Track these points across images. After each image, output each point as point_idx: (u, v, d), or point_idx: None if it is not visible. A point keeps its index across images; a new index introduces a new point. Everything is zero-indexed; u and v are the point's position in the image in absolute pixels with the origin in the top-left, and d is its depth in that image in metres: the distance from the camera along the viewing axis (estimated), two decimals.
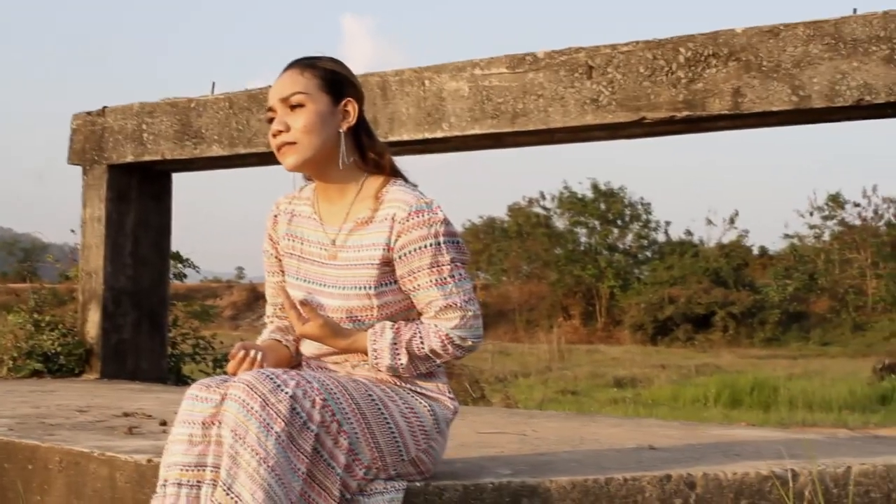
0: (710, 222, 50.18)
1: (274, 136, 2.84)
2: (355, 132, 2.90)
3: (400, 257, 2.78)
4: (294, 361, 3.02)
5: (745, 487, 3.09)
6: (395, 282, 2.82)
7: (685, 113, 4.83)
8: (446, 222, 2.81)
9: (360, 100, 2.92)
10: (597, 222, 47.06)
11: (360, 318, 2.82)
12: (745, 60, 4.72)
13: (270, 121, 2.86)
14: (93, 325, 6.99)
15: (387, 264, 2.80)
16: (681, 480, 3.05)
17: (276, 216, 3.06)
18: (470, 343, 2.84)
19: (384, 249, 2.79)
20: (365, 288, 2.80)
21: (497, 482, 2.90)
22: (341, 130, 2.86)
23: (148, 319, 7.20)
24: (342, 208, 2.90)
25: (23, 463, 3.56)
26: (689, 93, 4.81)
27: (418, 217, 2.77)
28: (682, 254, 44.49)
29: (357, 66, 5.64)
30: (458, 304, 2.81)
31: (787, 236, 45.72)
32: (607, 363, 27.26)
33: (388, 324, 2.82)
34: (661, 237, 47.69)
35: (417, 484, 2.84)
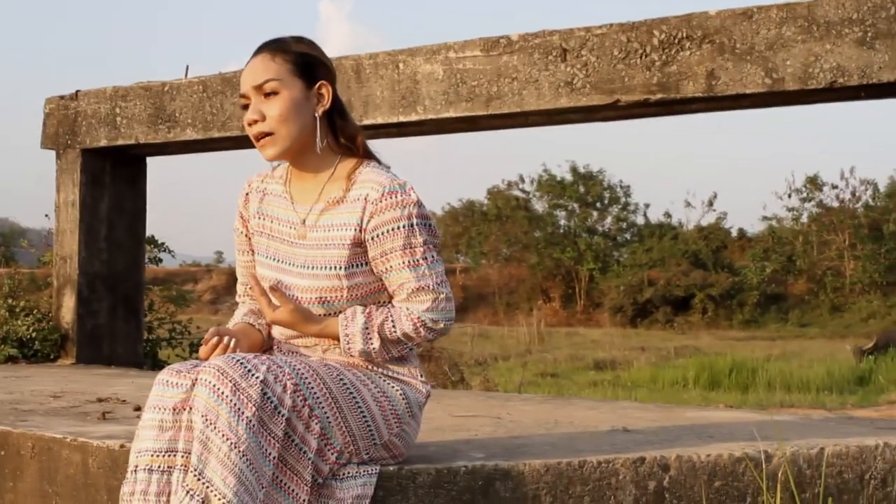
0: (688, 205, 50.67)
1: (249, 125, 2.82)
2: (329, 114, 2.88)
3: (372, 238, 2.77)
4: (267, 345, 3.00)
5: (718, 469, 3.10)
6: (367, 263, 2.81)
7: (659, 96, 4.82)
8: (419, 204, 2.79)
9: (332, 81, 2.90)
10: (576, 205, 47.19)
11: (329, 299, 2.81)
12: (718, 43, 4.71)
13: (245, 107, 2.84)
14: (68, 310, 6.95)
15: (358, 245, 2.78)
16: (654, 463, 3.05)
17: (247, 194, 3.04)
18: (442, 326, 2.83)
19: (355, 230, 2.77)
20: (335, 268, 2.79)
21: (470, 465, 2.90)
22: (317, 115, 2.84)
23: (123, 304, 7.17)
24: (315, 188, 2.88)
25: None
26: (664, 75, 4.81)
27: (392, 198, 2.76)
28: (661, 236, 44.66)
29: (333, 50, 5.62)
30: (431, 287, 2.80)
31: (765, 218, 46.02)
32: (587, 346, 27.37)
33: (360, 308, 2.81)
34: (640, 220, 47.91)
35: (390, 468, 2.84)
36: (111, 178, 7.07)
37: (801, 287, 41.21)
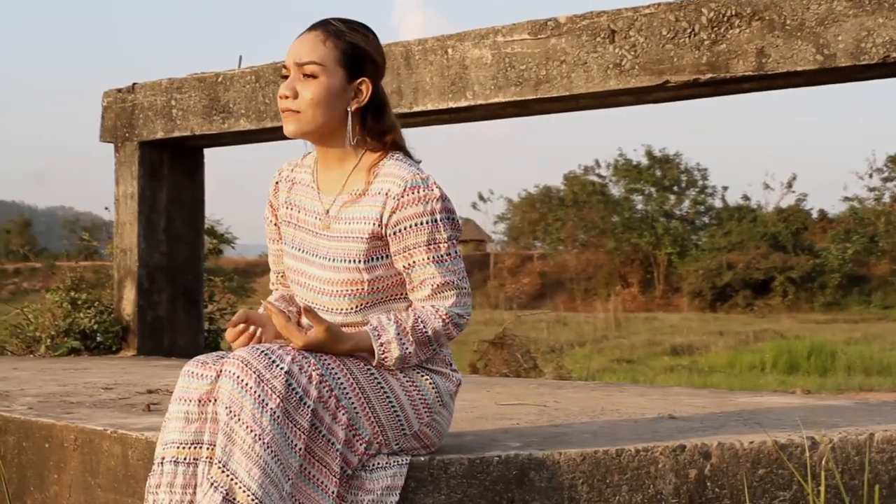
0: (767, 187, 49.68)
1: (281, 97, 2.79)
2: (363, 110, 2.83)
3: (394, 233, 2.72)
4: None
5: (762, 457, 3.03)
6: (387, 257, 2.76)
7: (709, 75, 4.72)
8: (443, 198, 2.74)
9: (377, 78, 2.84)
10: (653, 189, 46.76)
11: (352, 292, 2.77)
12: (768, 20, 4.60)
13: (285, 77, 2.80)
14: (128, 302, 7.00)
15: (378, 239, 2.74)
16: (695, 450, 2.99)
17: (277, 183, 3.01)
18: (465, 321, 2.80)
19: (375, 224, 2.73)
20: (354, 261, 2.75)
21: (504, 455, 2.86)
22: (349, 109, 2.80)
23: (183, 296, 7.21)
24: (339, 178, 2.85)
25: (40, 441, 3.57)
26: (713, 54, 4.71)
27: (413, 193, 2.71)
28: (739, 219, 44.10)
29: (406, 37, 5.58)
30: (455, 283, 2.76)
31: (846, 199, 45.19)
32: (665, 331, 27.10)
33: (383, 317, 2.75)
34: (717, 203, 47.31)
35: (422, 458, 2.80)
36: (169, 170, 7.12)
37: (884, 268, 40.47)
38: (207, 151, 7.35)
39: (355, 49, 2.78)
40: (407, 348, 2.72)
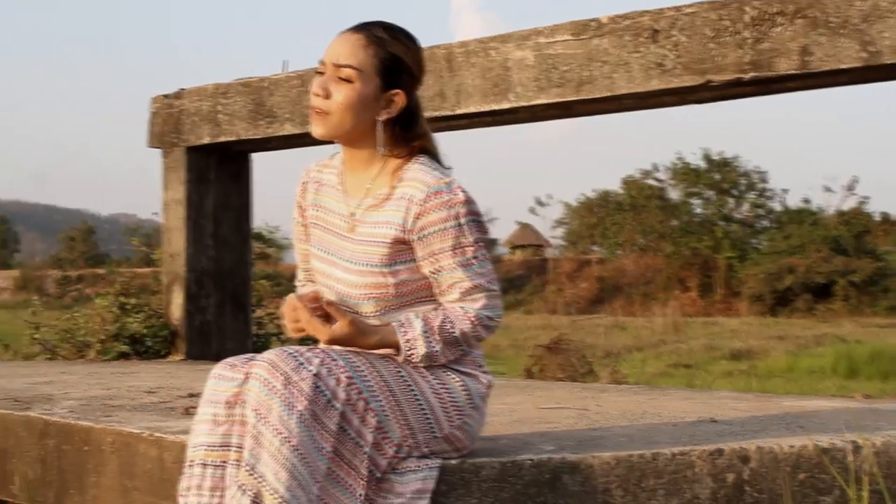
0: (828, 189, 49.18)
1: (313, 94, 2.78)
2: (393, 120, 2.81)
3: (419, 239, 2.70)
4: None
5: (802, 461, 2.96)
6: (411, 261, 2.74)
7: (752, 74, 4.65)
8: (468, 202, 2.71)
9: (412, 89, 2.82)
10: (711, 192, 46.42)
11: (377, 295, 2.75)
12: (811, 17, 4.53)
13: (320, 73, 2.79)
14: (177, 306, 7.04)
15: (402, 243, 2.72)
16: (734, 454, 2.93)
17: (304, 183, 3.00)
18: (495, 323, 2.78)
19: (397, 229, 2.71)
20: (378, 266, 2.73)
21: (536, 458, 2.82)
22: (379, 119, 2.78)
23: (231, 300, 7.23)
24: (365, 181, 2.83)
25: (79, 444, 3.59)
26: (756, 53, 4.64)
27: (437, 198, 2.69)
28: (800, 222, 43.65)
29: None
30: (483, 285, 2.74)
31: None
32: (724, 335, 26.86)
33: (412, 314, 2.74)
34: (777, 206, 46.88)
35: (453, 461, 2.77)
36: (216, 175, 7.14)
37: None
38: (265, 158, 7.39)
39: (395, 60, 2.76)
40: (433, 346, 2.70)
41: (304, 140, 6.57)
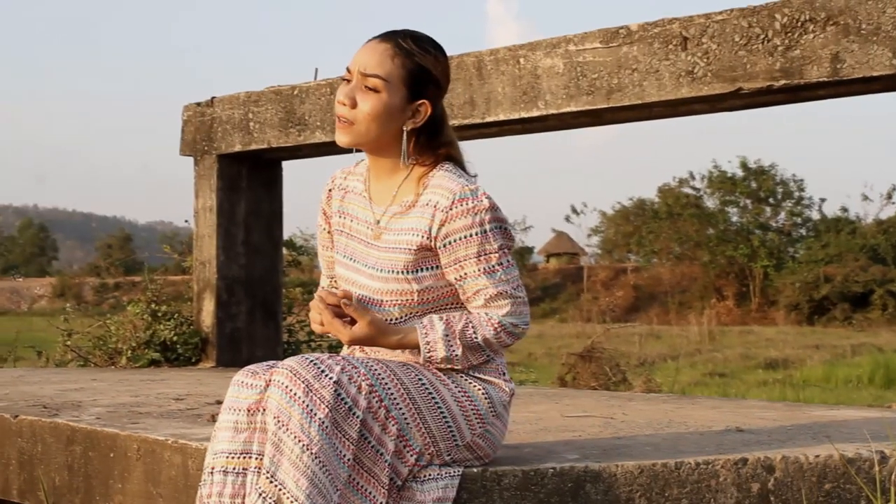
0: (866, 198, 48.89)
1: (339, 103, 2.78)
2: (418, 130, 2.81)
3: (444, 246, 2.70)
4: None
5: (828, 471, 2.94)
6: (436, 267, 2.74)
7: (783, 82, 4.62)
8: (493, 208, 2.71)
9: (438, 99, 2.82)
10: (748, 201, 46.18)
11: (401, 302, 2.75)
12: (843, 24, 4.49)
13: (346, 80, 2.79)
14: (207, 314, 7.06)
15: (427, 250, 2.72)
16: (758, 464, 2.91)
17: (330, 190, 3.01)
18: (521, 330, 2.76)
19: (423, 236, 2.71)
20: (403, 272, 2.73)
21: (559, 467, 2.81)
22: (405, 129, 2.79)
23: (262, 308, 7.24)
24: (390, 188, 2.83)
25: (105, 451, 3.60)
26: (786, 60, 4.61)
27: (462, 205, 2.68)
28: (837, 231, 43.35)
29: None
30: (508, 292, 2.72)
31: None
32: (760, 344, 26.69)
33: (436, 316, 2.74)
34: (815, 215, 46.58)
35: (474, 470, 2.76)
36: (247, 183, 7.16)
37: None
38: (298, 166, 7.41)
39: (422, 71, 2.76)
40: (454, 350, 2.70)
41: (335, 148, 6.54)
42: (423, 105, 2.77)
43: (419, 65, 2.76)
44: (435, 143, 2.82)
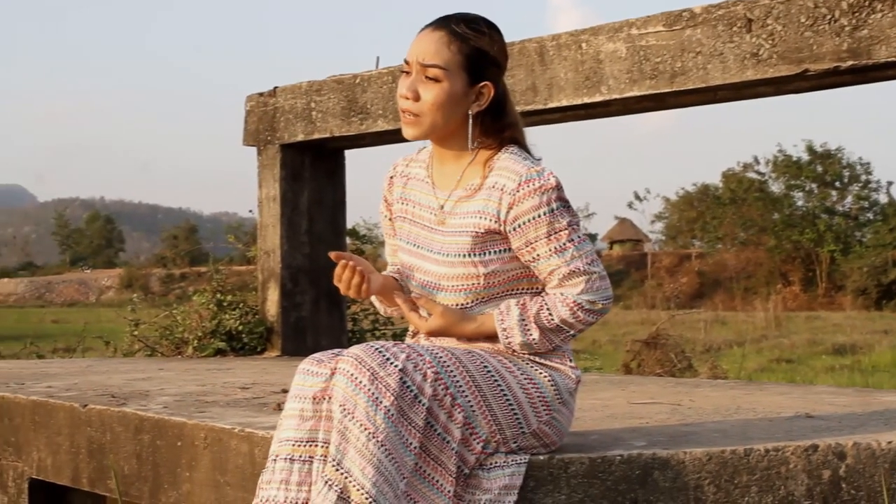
0: None
1: (401, 97, 2.78)
2: (483, 112, 2.80)
3: (514, 229, 2.69)
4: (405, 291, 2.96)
5: None
6: (504, 251, 2.73)
7: (850, 63, 4.53)
8: (558, 188, 2.70)
9: (499, 80, 2.81)
10: (814, 185, 45.72)
11: (468, 287, 2.75)
12: None
13: (405, 72, 2.78)
14: (272, 303, 7.09)
15: (495, 233, 2.71)
16: (829, 450, 2.87)
17: (391, 178, 3.02)
18: (600, 306, 2.73)
19: (491, 220, 2.70)
20: (468, 255, 2.73)
21: (626, 454, 2.78)
22: (470, 113, 2.77)
23: (326, 297, 7.25)
24: (455, 173, 2.83)
25: (172, 440, 3.62)
26: (854, 41, 4.53)
27: (529, 186, 2.67)
28: None
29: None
30: (582, 269, 2.70)
31: None
32: (827, 330, 26.39)
33: (513, 301, 2.74)
34: (882, 198, 45.99)
35: (541, 457, 2.74)
36: (310, 172, 7.17)
37: None
38: (362, 154, 7.42)
39: (480, 53, 2.75)
40: (531, 335, 2.70)
41: (397, 136, 6.56)
42: (486, 87, 2.77)
43: (476, 48, 2.74)
44: (500, 125, 2.81)
